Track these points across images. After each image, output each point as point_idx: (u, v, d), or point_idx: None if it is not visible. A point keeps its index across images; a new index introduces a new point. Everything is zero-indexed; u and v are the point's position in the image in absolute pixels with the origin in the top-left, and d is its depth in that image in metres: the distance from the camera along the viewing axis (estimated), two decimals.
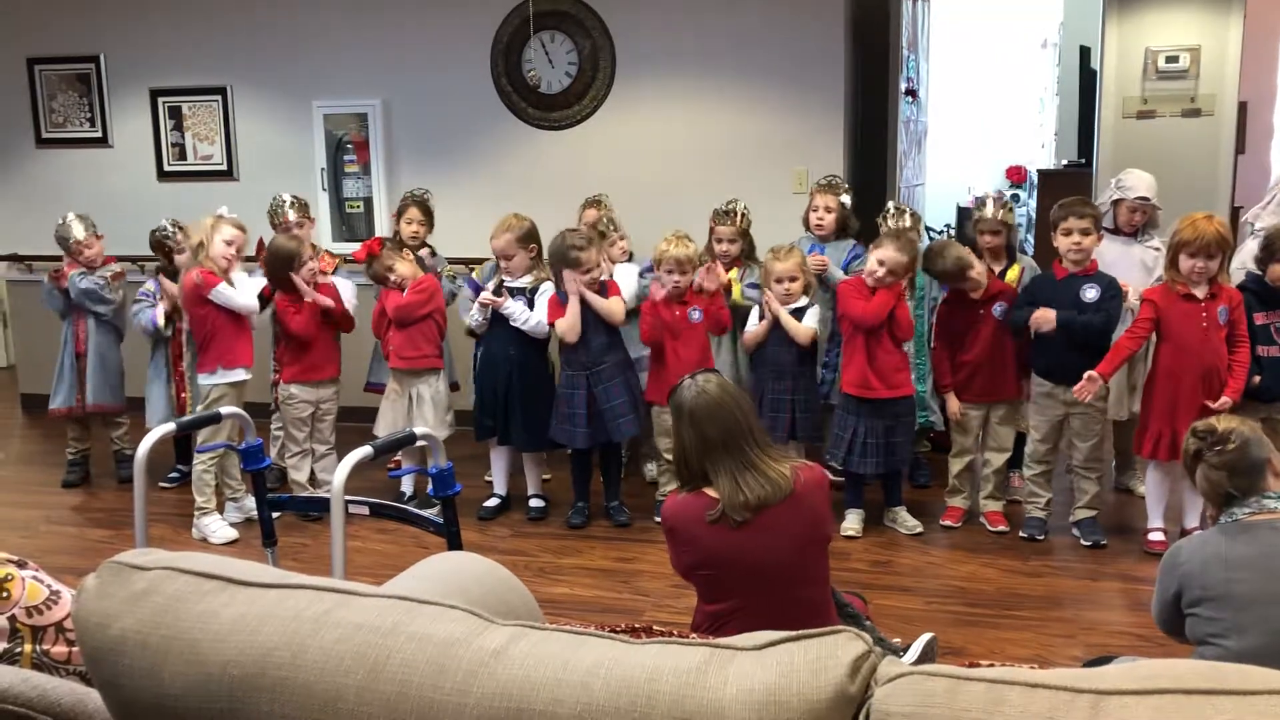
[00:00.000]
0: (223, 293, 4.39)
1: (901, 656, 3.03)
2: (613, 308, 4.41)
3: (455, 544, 2.80)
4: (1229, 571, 2.27)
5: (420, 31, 5.90)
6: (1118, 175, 4.65)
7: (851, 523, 4.43)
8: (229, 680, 1.43)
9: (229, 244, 4.42)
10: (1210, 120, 6.12)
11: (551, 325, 4.46)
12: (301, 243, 4.68)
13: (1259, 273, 4.09)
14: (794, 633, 1.33)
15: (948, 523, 4.50)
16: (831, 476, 4.75)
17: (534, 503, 4.73)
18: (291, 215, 5.03)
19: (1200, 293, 3.93)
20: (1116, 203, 4.52)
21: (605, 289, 4.46)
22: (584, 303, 4.36)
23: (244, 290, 4.49)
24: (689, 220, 4.92)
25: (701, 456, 2.59)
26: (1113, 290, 4.13)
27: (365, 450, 2.68)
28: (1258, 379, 4.02)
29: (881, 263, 4.19)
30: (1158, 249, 4.37)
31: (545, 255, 4.60)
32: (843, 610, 2.92)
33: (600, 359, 4.42)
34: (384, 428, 4.63)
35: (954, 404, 4.44)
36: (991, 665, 1.49)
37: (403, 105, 6.00)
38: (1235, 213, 5.72)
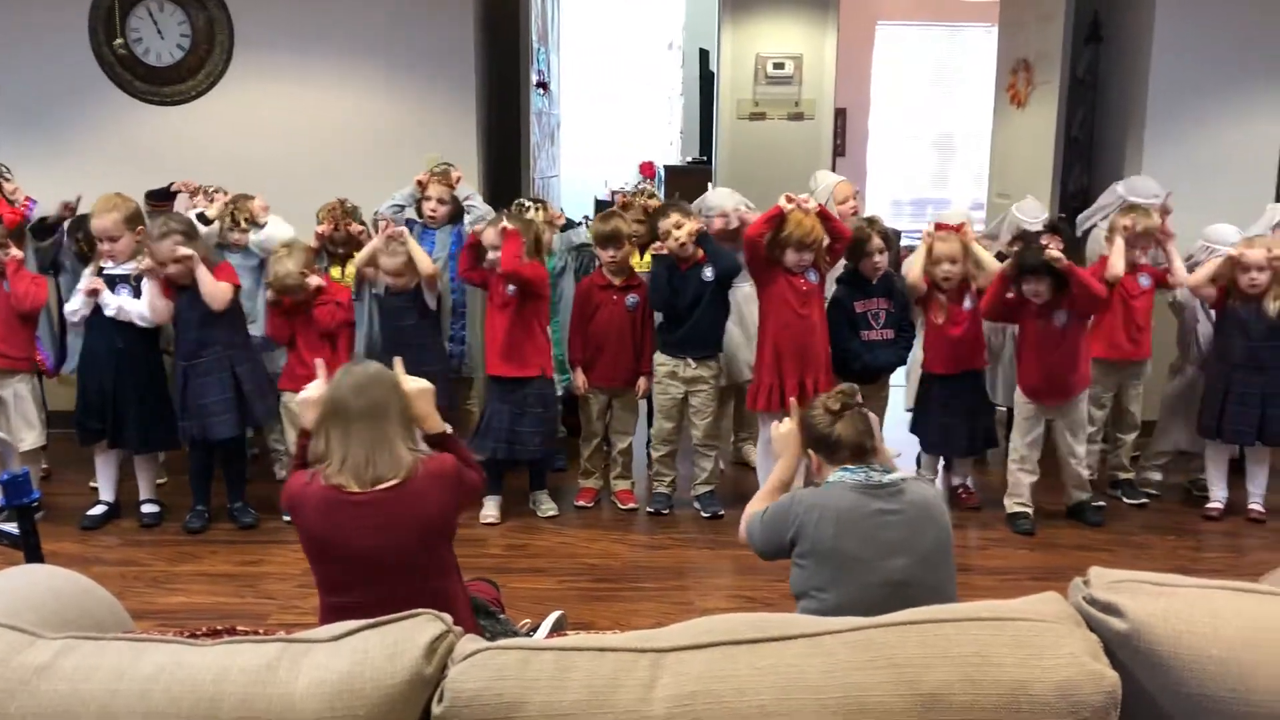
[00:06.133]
0: None
1: (531, 637, 3.09)
2: (215, 290, 4.20)
3: (34, 556, 2.54)
4: (837, 528, 2.44)
5: None
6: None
7: (489, 509, 4.47)
8: None
9: None
10: (812, 124, 6.70)
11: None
12: None
13: (854, 267, 4.53)
14: (372, 620, 1.31)
15: (582, 503, 4.64)
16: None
17: (147, 509, 4.39)
18: None
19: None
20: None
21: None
22: (182, 288, 4.15)
23: None
24: (316, 204, 4.77)
25: (333, 422, 2.51)
26: (729, 260, 4.42)
27: None
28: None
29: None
30: None
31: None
32: (474, 606, 2.92)
33: (197, 352, 4.20)
34: None
35: (580, 379, 4.59)
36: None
37: None
38: None
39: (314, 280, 4.35)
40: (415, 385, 2.67)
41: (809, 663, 1.24)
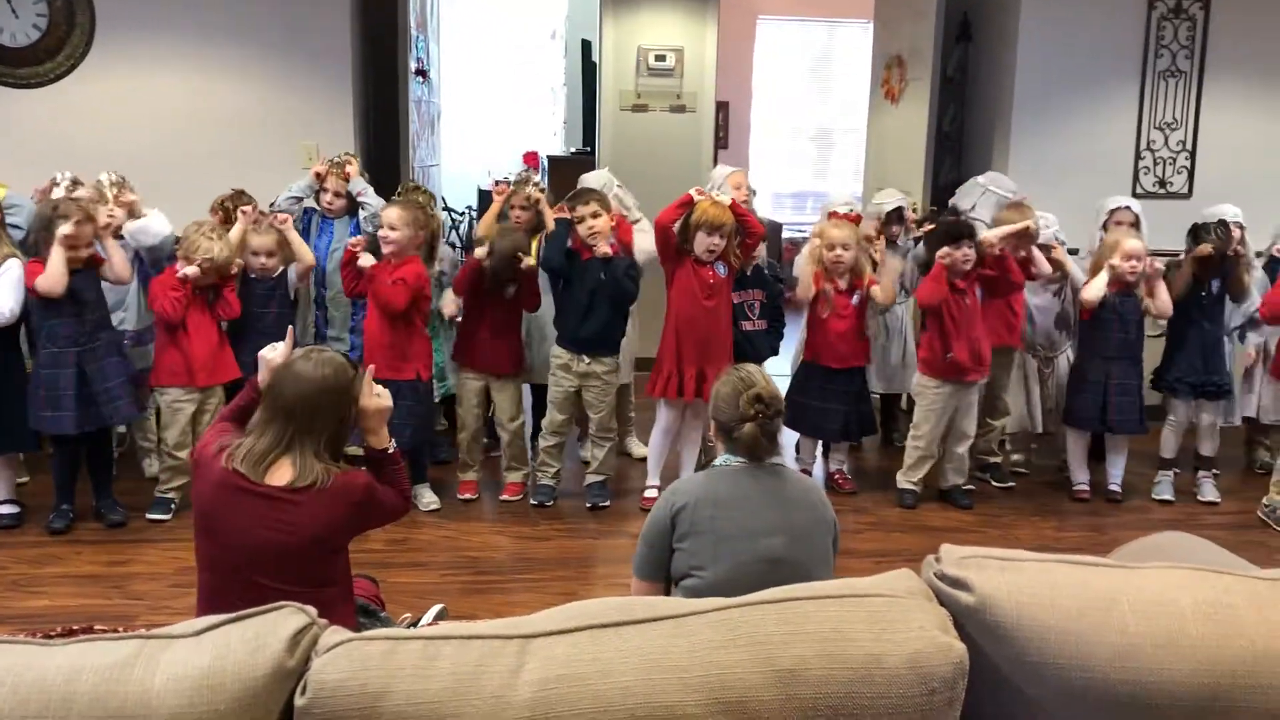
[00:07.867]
0: None
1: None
2: (126, 270, 4.21)
3: None
4: (715, 509, 2.51)
5: None
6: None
7: None
8: None
9: None
10: (694, 116, 6.75)
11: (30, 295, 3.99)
12: None
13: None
14: (233, 614, 1.29)
15: (464, 495, 4.62)
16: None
17: (5, 509, 4.21)
18: None
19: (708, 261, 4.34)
20: None
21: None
22: (85, 267, 4.01)
23: None
24: (191, 193, 4.63)
25: (267, 398, 2.48)
26: (631, 266, 4.45)
27: None
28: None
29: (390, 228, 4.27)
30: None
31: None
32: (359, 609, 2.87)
33: (95, 335, 4.07)
34: None
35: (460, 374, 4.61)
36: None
37: None
38: None
39: (238, 263, 4.31)
40: (375, 402, 2.61)
41: (673, 643, 1.27)
